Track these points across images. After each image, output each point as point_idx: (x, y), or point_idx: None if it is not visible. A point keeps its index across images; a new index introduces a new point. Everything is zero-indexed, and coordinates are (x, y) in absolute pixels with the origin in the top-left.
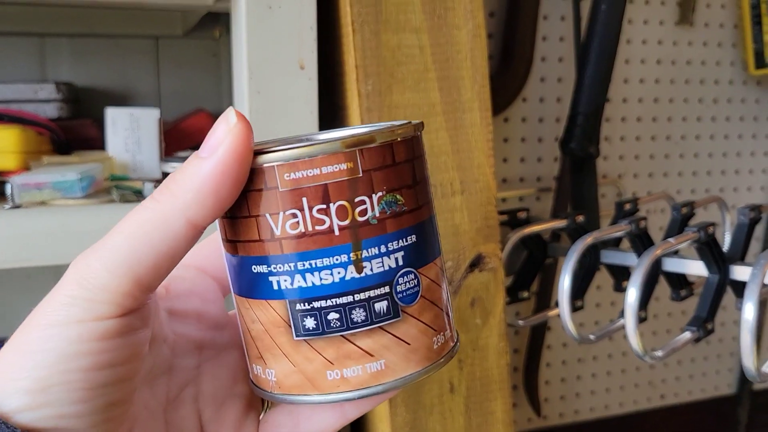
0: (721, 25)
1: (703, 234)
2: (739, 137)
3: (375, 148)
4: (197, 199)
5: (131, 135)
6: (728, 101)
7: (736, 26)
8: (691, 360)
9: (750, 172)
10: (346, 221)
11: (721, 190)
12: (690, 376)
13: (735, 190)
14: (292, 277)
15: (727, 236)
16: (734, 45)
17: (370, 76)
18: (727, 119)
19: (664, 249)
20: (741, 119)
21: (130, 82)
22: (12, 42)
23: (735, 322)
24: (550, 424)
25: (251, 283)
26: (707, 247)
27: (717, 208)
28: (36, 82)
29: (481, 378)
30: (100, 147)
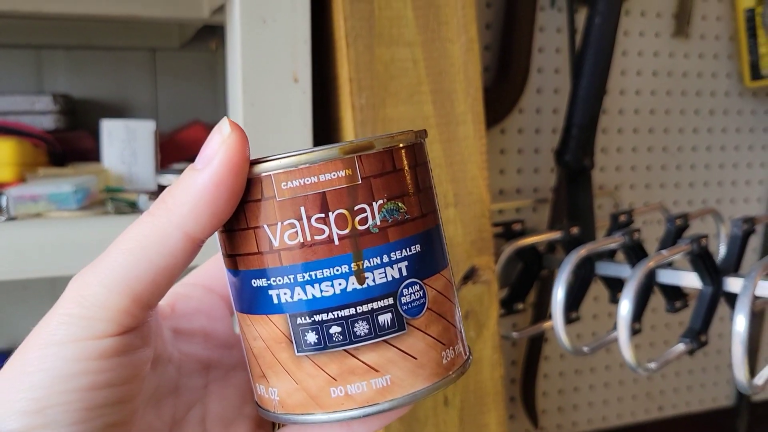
0: (717, 37)
1: (696, 246)
2: (736, 149)
3: (374, 155)
4: (193, 212)
5: (127, 147)
6: (724, 113)
7: (731, 38)
8: (689, 372)
9: (746, 184)
10: (346, 230)
11: (717, 202)
12: (688, 388)
13: (732, 201)
14: (292, 290)
15: (722, 248)
16: (730, 57)
17: (363, 90)
18: (723, 131)
19: (657, 261)
20: (737, 131)
21: (127, 93)
22: (9, 54)
23: (725, 336)
24: None
25: (252, 298)
26: (700, 259)
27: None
28: (33, 93)
29: (475, 390)
30: (97, 159)
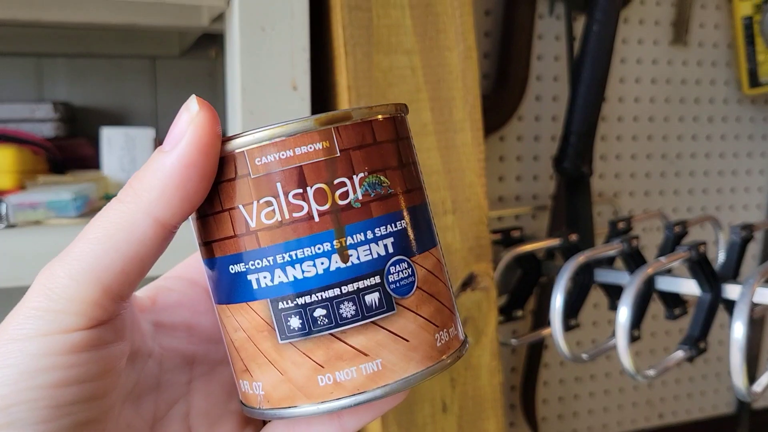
0: (715, 45)
1: (694, 253)
2: (735, 156)
3: (352, 126)
4: (163, 196)
5: (126, 154)
6: (723, 120)
7: (729, 46)
8: (690, 379)
9: (746, 191)
10: (326, 206)
11: (717, 209)
12: (688, 396)
13: (731, 208)
14: (272, 273)
15: (721, 255)
16: (728, 64)
17: (362, 97)
18: (722, 138)
19: (656, 268)
20: (736, 138)
21: (127, 101)
22: (9, 62)
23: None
24: None
25: (230, 287)
26: (699, 266)
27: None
28: (33, 101)
29: (473, 397)
30: (96, 166)
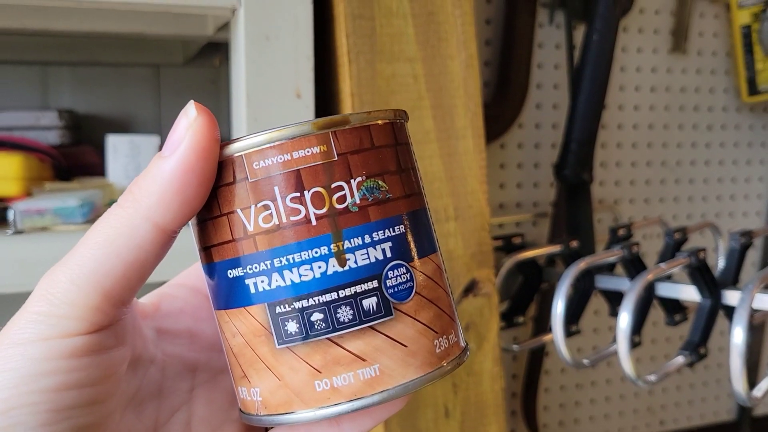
0: (714, 53)
1: (694, 259)
2: (734, 163)
3: (350, 130)
4: (162, 201)
5: (131, 161)
6: (722, 127)
7: (728, 54)
8: (691, 386)
9: (745, 198)
10: (324, 209)
11: (716, 216)
12: (689, 402)
13: (731, 215)
14: (269, 277)
15: (721, 261)
16: (727, 72)
17: (365, 105)
18: (721, 145)
19: (656, 274)
20: (735, 145)
21: (132, 109)
22: (15, 70)
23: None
24: None
25: (228, 291)
26: (698, 272)
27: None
28: (38, 109)
29: (476, 403)
30: (101, 173)
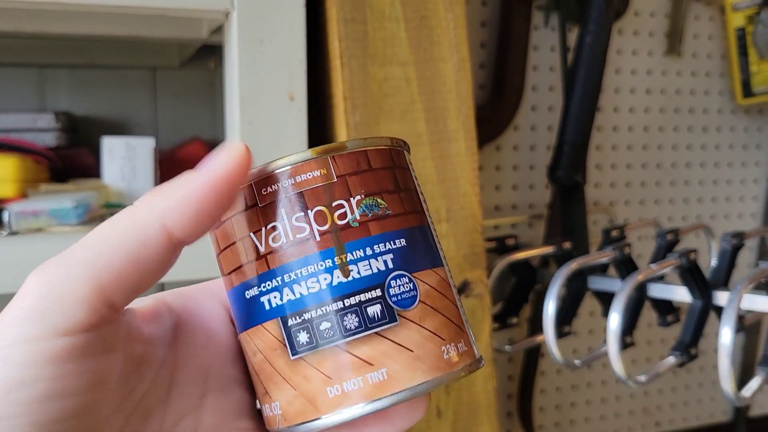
0: (709, 56)
1: (684, 260)
2: (729, 165)
3: (348, 155)
4: (178, 206)
5: (127, 163)
6: (717, 130)
7: (723, 56)
8: (686, 387)
9: (740, 200)
10: (326, 226)
11: (712, 218)
12: (685, 403)
13: (726, 217)
14: (281, 292)
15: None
16: (722, 75)
17: (357, 108)
18: (716, 147)
19: (646, 275)
20: (730, 147)
21: (128, 111)
22: (12, 72)
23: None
24: None
25: (248, 311)
26: (689, 273)
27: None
28: (35, 111)
29: (468, 403)
30: (97, 175)
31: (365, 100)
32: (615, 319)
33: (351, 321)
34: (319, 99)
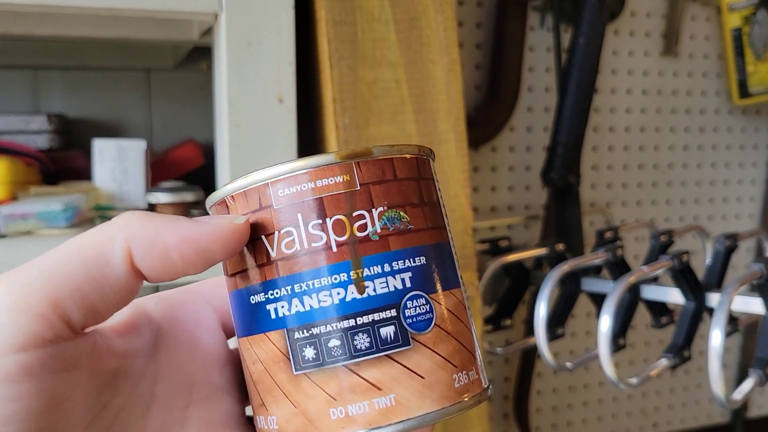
0: (706, 56)
1: (677, 262)
2: (726, 166)
3: (373, 162)
4: (156, 237)
5: (118, 165)
6: (714, 130)
7: (719, 57)
8: (684, 388)
9: (737, 200)
10: (344, 237)
11: (709, 219)
12: (683, 405)
13: (723, 218)
14: (290, 302)
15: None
16: (719, 75)
17: (347, 110)
18: (713, 148)
19: (638, 276)
20: (727, 148)
21: (122, 113)
22: (6, 74)
23: (727, 350)
24: None
25: (251, 317)
26: (682, 275)
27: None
28: (28, 113)
29: None
30: (90, 177)
31: (355, 102)
32: (606, 322)
33: (362, 341)
34: (308, 101)
